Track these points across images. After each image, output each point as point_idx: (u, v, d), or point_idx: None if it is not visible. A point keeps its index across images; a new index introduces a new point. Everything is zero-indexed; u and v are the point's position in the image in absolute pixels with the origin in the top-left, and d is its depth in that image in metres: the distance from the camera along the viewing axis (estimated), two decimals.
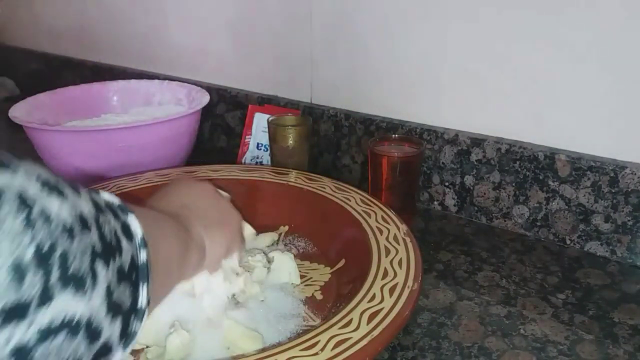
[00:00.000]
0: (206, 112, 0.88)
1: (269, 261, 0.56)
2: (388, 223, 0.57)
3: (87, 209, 0.27)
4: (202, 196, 0.50)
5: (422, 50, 0.72)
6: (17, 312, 0.22)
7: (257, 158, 0.87)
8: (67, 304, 0.24)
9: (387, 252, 0.52)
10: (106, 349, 0.27)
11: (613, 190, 0.60)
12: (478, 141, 0.69)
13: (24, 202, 0.23)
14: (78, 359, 0.25)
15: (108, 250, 0.27)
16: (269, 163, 0.80)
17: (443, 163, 0.73)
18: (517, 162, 0.66)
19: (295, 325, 0.49)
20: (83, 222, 0.26)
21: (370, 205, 0.61)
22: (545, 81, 0.63)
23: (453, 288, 0.57)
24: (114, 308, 0.27)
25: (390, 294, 0.46)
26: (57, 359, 0.24)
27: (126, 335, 0.29)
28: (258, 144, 0.87)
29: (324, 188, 0.65)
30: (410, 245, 0.53)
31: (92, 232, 0.27)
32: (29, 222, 0.23)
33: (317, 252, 0.62)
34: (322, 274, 0.57)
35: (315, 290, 0.55)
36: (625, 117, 0.59)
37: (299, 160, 0.75)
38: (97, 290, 0.26)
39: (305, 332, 0.42)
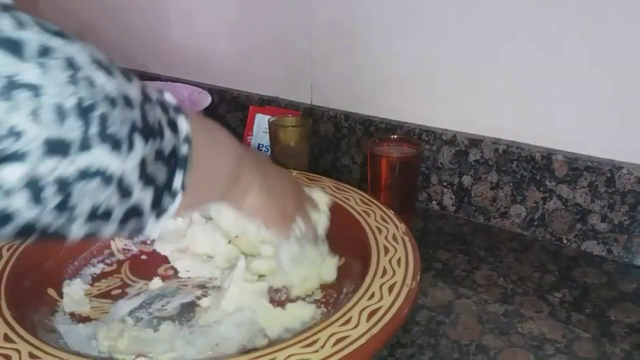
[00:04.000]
0: (207, 113, 0.89)
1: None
2: (387, 222, 0.58)
3: (134, 93, 0.31)
4: (273, 170, 0.51)
5: (421, 51, 0.73)
6: (60, 148, 0.26)
7: None
8: (103, 157, 0.28)
9: (386, 251, 0.53)
10: (137, 212, 0.31)
11: (609, 190, 0.61)
12: (476, 142, 0.70)
13: (71, 65, 0.27)
14: (110, 208, 0.29)
15: (148, 131, 0.31)
16: None
17: (441, 163, 0.73)
18: (515, 163, 0.67)
19: None
20: (127, 101, 0.29)
21: (369, 205, 0.62)
22: (542, 82, 0.64)
23: (451, 286, 0.58)
24: (146, 178, 0.31)
25: (389, 292, 0.46)
26: (91, 200, 0.28)
27: (158, 207, 0.32)
28: (259, 144, 0.87)
29: (324, 188, 0.66)
30: (409, 245, 0.54)
31: (135, 111, 0.30)
32: (73, 80, 0.26)
33: None
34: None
35: (316, 289, 0.55)
36: (621, 118, 0.60)
37: (299, 161, 0.76)
38: (131, 156, 0.29)
39: (306, 329, 0.43)
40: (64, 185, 0.27)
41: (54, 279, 0.55)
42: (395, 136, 0.72)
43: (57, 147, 0.26)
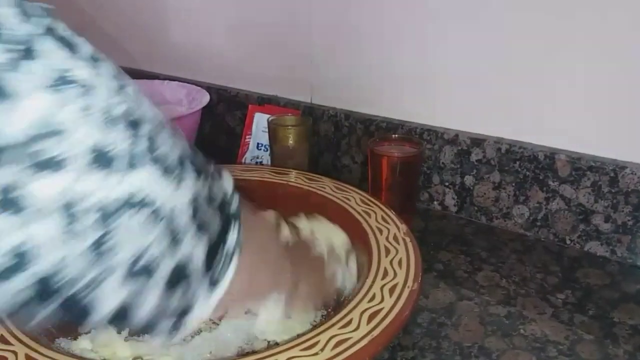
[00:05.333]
0: (206, 112, 0.88)
1: None
2: (388, 223, 0.57)
3: (178, 131, 0.26)
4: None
5: (422, 50, 0.72)
6: (107, 161, 0.21)
7: (257, 158, 0.87)
8: (153, 182, 0.22)
9: (387, 252, 0.52)
10: (186, 273, 0.23)
11: (613, 190, 0.60)
12: (478, 141, 0.69)
13: (117, 78, 0.24)
14: (155, 259, 0.22)
15: (199, 164, 0.25)
16: (269, 163, 0.80)
17: (443, 163, 0.73)
18: (517, 162, 0.66)
19: None
20: (174, 130, 0.25)
21: (370, 205, 0.61)
22: (545, 81, 0.63)
23: (453, 288, 0.57)
24: (199, 222, 0.24)
25: (390, 294, 0.46)
26: (135, 242, 0.21)
27: (211, 271, 0.25)
28: (258, 143, 0.87)
29: (324, 188, 0.65)
30: (410, 245, 0.53)
31: (184, 142, 0.25)
32: (122, 90, 0.23)
33: None
34: None
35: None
36: (625, 117, 0.59)
37: (299, 160, 0.75)
38: (183, 186, 0.23)
39: (306, 332, 0.42)
40: (106, 215, 0.20)
41: None
42: (396, 135, 0.72)
43: (104, 159, 0.20)
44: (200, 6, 0.97)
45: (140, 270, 0.21)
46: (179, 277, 0.23)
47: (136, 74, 1.11)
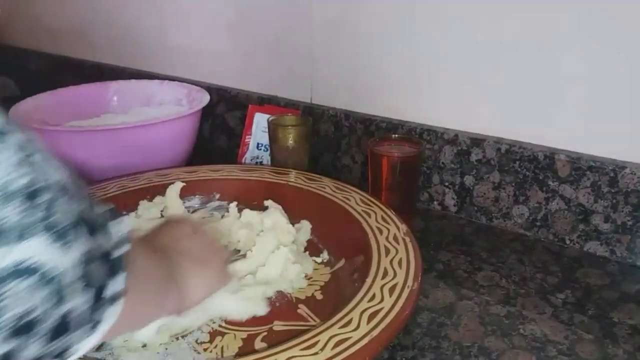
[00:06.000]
0: (206, 112, 0.88)
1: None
2: (388, 223, 0.57)
3: (83, 185, 0.28)
4: (184, 236, 0.47)
5: (422, 50, 0.72)
6: None
7: (257, 158, 0.87)
8: (45, 249, 0.24)
9: (387, 251, 0.52)
10: (72, 324, 0.26)
11: (613, 190, 0.60)
12: (478, 141, 0.69)
13: (31, 144, 0.25)
14: (38, 316, 0.24)
15: (93, 224, 0.28)
16: (269, 163, 0.80)
17: (443, 163, 0.73)
18: (517, 162, 0.66)
19: None
20: (76, 192, 0.27)
21: (370, 205, 0.61)
22: (545, 81, 0.63)
23: (453, 288, 0.57)
24: (87, 277, 0.26)
25: (390, 294, 0.46)
26: (21, 305, 0.23)
27: (96, 318, 0.27)
28: (258, 144, 0.87)
29: (324, 188, 0.65)
30: (410, 245, 0.53)
31: (83, 204, 0.27)
32: (30, 160, 0.24)
33: (317, 251, 0.61)
34: (322, 273, 0.57)
35: (315, 290, 0.55)
36: (625, 117, 0.59)
37: (299, 160, 0.75)
38: (74, 249, 0.25)
39: (305, 331, 0.42)
40: None
41: None
42: (396, 135, 0.72)
43: None
44: (200, 6, 0.97)
45: (24, 329, 0.24)
46: (61, 329, 0.25)
47: (136, 74, 1.11)
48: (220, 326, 0.49)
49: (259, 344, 0.47)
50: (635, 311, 0.53)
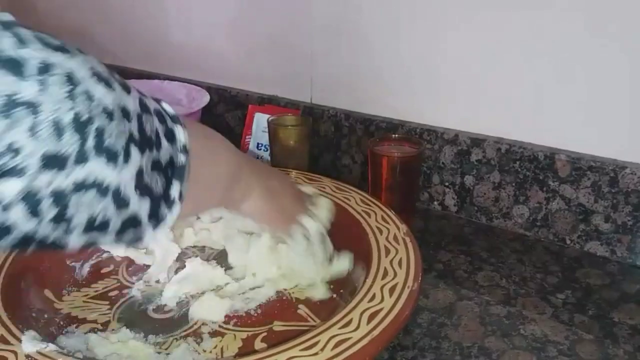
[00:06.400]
0: (206, 112, 0.88)
1: None
2: (388, 223, 0.57)
3: (132, 105, 0.31)
4: (277, 176, 0.53)
5: (422, 50, 0.72)
6: (56, 162, 0.27)
7: (257, 158, 0.87)
8: (100, 169, 0.28)
9: (387, 252, 0.52)
10: (135, 222, 0.32)
11: (613, 190, 0.60)
12: (478, 141, 0.69)
13: (71, 80, 0.27)
14: (107, 219, 0.30)
15: (145, 142, 0.31)
16: (269, 163, 0.80)
17: (443, 163, 0.73)
18: (517, 162, 0.66)
19: None
20: (125, 113, 0.30)
21: (370, 205, 0.61)
22: (545, 81, 0.63)
23: (453, 288, 0.57)
24: (143, 188, 0.31)
25: (390, 294, 0.46)
26: (88, 211, 0.29)
27: (155, 217, 0.33)
28: (258, 144, 0.87)
29: (324, 188, 0.65)
30: (410, 245, 0.53)
31: (132, 123, 0.31)
32: (71, 95, 0.27)
33: None
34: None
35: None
36: (625, 117, 0.59)
37: (299, 160, 0.75)
38: (128, 167, 0.30)
39: (305, 332, 0.42)
40: (60, 198, 0.27)
41: (51, 280, 0.55)
42: (396, 135, 0.72)
43: (53, 161, 0.26)
44: (201, 6, 0.97)
45: (95, 227, 0.30)
46: (128, 226, 0.31)
47: (136, 74, 1.11)
48: (220, 326, 0.49)
49: (259, 344, 0.47)
50: (635, 311, 0.53)
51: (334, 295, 0.53)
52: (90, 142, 0.28)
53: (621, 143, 0.60)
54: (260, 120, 0.86)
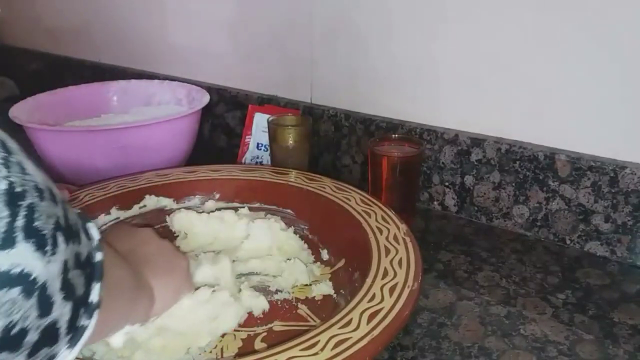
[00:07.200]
0: (206, 112, 0.88)
1: None
2: (388, 223, 0.57)
3: (55, 190, 0.28)
4: (146, 242, 0.47)
5: (422, 50, 0.72)
6: None
7: (257, 158, 0.87)
8: (28, 257, 0.23)
9: (387, 251, 0.52)
10: (53, 334, 0.26)
11: (613, 190, 0.60)
12: (478, 141, 0.69)
13: (4, 148, 0.24)
14: (27, 328, 0.24)
15: (70, 231, 0.27)
16: (269, 163, 0.80)
17: (443, 163, 0.73)
18: (517, 162, 0.66)
19: None
20: (52, 195, 0.27)
21: (370, 205, 0.61)
22: (545, 81, 0.63)
23: (453, 288, 0.57)
24: (67, 288, 0.26)
25: (390, 294, 0.46)
26: (6, 316, 0.23)
27: (74, 329, 0.27)
28: (258, 144, 0.87)
29: (324, 188, 0.65)
30: (410, 245, 0.53)
31: (59, 208, 0.27)
32: (6, 163, 0.24)
33: (317, 251, 0.61)
34: (322, 273, 0.57)
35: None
36: (625, 117, 0.59)
37: (299, 160, 0.75)
38: (56, 257, 0.25)
39: (305, 331, 0.42)
40: None
41: None
42: (396, 135, 0.72)
43: None
44: (201, 6, 0.97)
45: (9, 342, 0.23)
46: (44, 342, 0.25)
47: (136, 74, 1.11)
48: None
49: (258, 344, 0.47)
50: (635, 311, 0.53)
51: (334, 295, 0.53)
52: (20, 221, 0.23)
53: (621, 143, 0.60)
54: (260, 121, 0.86)
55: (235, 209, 0.66)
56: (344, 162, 0.84)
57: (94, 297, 0.29)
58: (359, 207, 0.61)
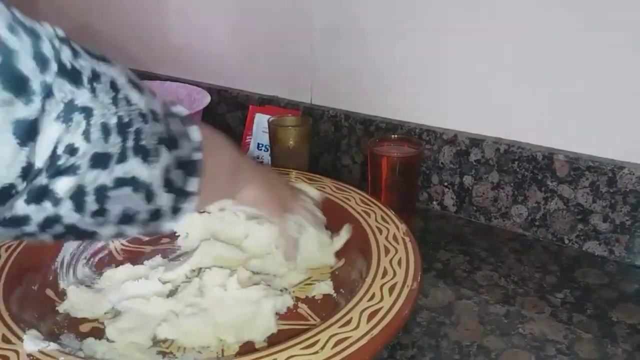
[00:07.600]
0: (207, 113, 0.89)
1: None
2: (387, 223, 0.58)
3: (159, 108, 0.35)
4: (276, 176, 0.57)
5: (422, 51, 0.72)
6: (102, 161, 0.30)
7: (258, 158, 0.87)
8: (136, 167, 0.32)
9: (387, 251, 0.52)
10: (159, 214, 0.36)
11: (611, 190, 0.60)
12: (477, 141, 0.69)
13: (114, 86, 0.31)
14: (138, 212, 0.34)
15: (171, 142, 0.35)
16: (269, 163, 0.80)
17: (442, 163, 0.73)
18: (516, 162, 0.67)
19: None
20: (154, 115, 0.34)
21: (369, 205, 0.61)
22: (543, 81, 0.64)
23: (452, 287, 0.57)
24: (168, 184, 0.35)
25: (390, 293, 0.46)
26: (123, 205, 0.33)
27: (176, 210, 0.37)
28: (258, 144, 0.87)
29: (324, 188, 0.65)
30: (409, 245, 0.53)
31: (161, 124, 0.34)
32: (115, 101, 0.31)
33: None
34: (322, 273, 0.58)
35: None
36: (623, 117, 0.60)
37: (299, 161, 0.76)
38: (158, 165, 0.34)
39: (305, 330, 0.42)
40: (101, 194, 0.31)
41: (52, 280, 0.55)
42: (396, 136, 0.72)
43: (100, 161, 0.30)
44: (201, 7, 0.97)
45: (126, 219, 0.34)
46: (152, 219, 0.36)
47: (138, 75, 1.11)
48: None
49: (259, 343, 0.47)
50: (633, 310, 0.53)
51: (334, 294, 0.53)
52: (130, 143, 0.32)
53: (619, 143, 0.60)
54: (260, 121, 0.86)
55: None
56: (343, 162, 0.84)
57: (191, 188, 0.37)
58: (359, 207, 0.61)
